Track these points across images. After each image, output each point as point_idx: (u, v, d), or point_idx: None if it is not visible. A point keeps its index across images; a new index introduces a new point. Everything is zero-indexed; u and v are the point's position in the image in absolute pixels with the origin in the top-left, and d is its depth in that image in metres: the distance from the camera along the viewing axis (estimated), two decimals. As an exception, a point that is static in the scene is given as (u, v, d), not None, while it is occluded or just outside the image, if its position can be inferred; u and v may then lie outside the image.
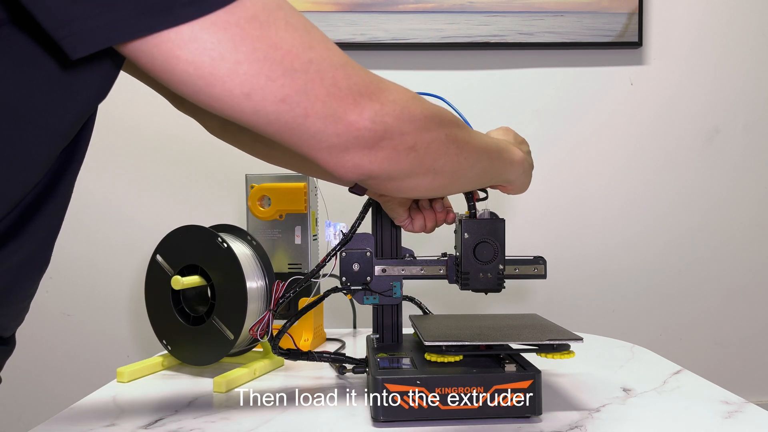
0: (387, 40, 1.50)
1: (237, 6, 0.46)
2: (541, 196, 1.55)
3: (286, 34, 0.48)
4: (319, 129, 0.51)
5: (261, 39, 0.46)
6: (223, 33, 0.45)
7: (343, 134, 0.52)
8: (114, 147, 1.52)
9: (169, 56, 0.45)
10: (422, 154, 0.58)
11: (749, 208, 1.58)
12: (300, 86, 0.49)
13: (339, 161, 0.54)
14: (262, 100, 0.48)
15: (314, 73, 0.49)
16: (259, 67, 0.47)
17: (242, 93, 0.47)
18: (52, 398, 1.51)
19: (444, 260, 0.85)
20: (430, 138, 0.58)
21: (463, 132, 0.63)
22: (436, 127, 0.58)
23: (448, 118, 0.61)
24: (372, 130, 0.53)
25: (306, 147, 0.53)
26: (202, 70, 0.46)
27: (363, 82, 0.52)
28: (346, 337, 1.17)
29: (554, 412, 0.73)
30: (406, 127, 0.55)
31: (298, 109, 0.49)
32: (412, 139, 0.56)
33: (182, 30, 0.44)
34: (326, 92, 0.50)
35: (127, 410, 0.77)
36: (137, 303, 1.52)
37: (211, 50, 0.45)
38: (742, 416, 0.72)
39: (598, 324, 1.55)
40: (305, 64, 0.49)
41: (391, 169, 0.56)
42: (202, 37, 0.45)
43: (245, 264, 0.89)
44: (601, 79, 1.56)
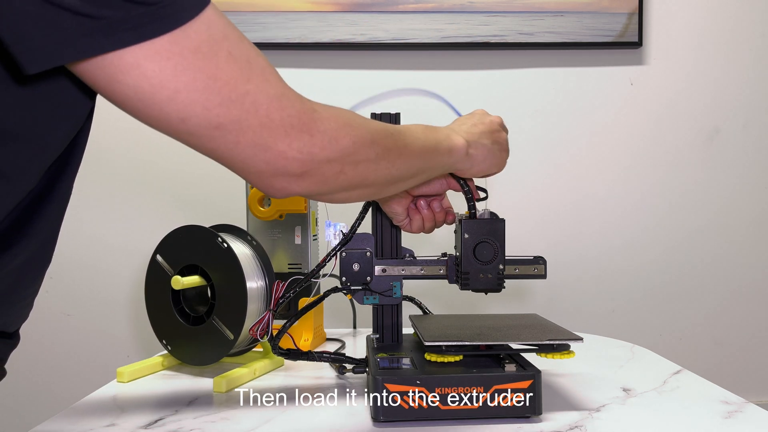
0: (387, 40, 1.50)
1: (182, 36, 0.47)
2: (541, 196, 1.55)
3: (226, 65, 0.50)
4: (249, 156, 0.53)
5: (202, 70, 0.48)
6: (165, 62, 0.47)
7: (272, 162, 0.54)
8: (114, 147, 1.52)
9: (112, 79, 0.47)
10: (351, 176, 0.60)
11: (749, 207, 1.58)
12: (234, 116, 0.51)
13: (268, 184, 0.57)
14: (197, 126, 0.50)
15: (249, 104, 0.51)
16: (197, 96, 0.49)
17: (179, 118, 0.50)
18: (52, 398, 1.51)
19: (444, 260, 0.85)
20: (358, 160, 0.60)
21: (397, 143, 0.65)
22: (365, 150, 0.61)
23: (381, 135, 0.63)
24: (299, 160, 0.55)
25: (236, 169, 0.56)
26: (142, 94, 0.48)
27: (296, 114, 0.54)
28: (346, 337, 1.17)
29: (554, 412, 0.73)
30: (333, 155, 0.57)
31: (230, 137, 0.52)
32: (339, 166, 0.58)
33: (125, 56, 0.46)
34: (259, 123, 0.52)
35: (127, 410, 0.77)
36: (137, 303, 1.52)
37: (152, 78, 0.47)
38: (742, 416, 0.72)
39: (598, 324, 1.55)
40: (242, 95, 0.51)
41: (319, 190, 0.60)
42: (144, 64, 0.47)
43: (245, 264, 0.89)
44: (601, 79, 1.56)
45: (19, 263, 0.58)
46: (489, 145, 0.78)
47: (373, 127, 0.63)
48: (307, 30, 1.49)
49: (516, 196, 1.53)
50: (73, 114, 0.55)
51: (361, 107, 0.78)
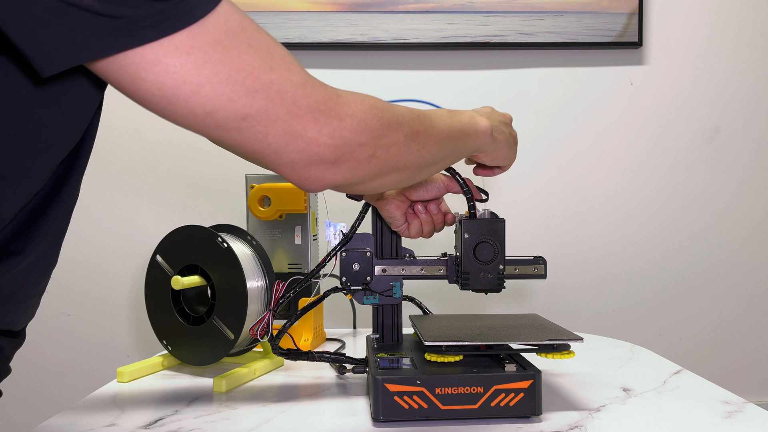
0: (387, 40, 1.50)
1: (200, 30, 0.48)
2: (541, 196, 1.55)
3: (248, 56, 0.50)
4: (281, 146, 0.53)
5: (223, 62, 0.49)
6: (186, 57, 0.47)
7: (304, 151, 0.54)
8: (115, 147, 1.52)
9: (135, 77, 0.47)
10: (383, 159, 0.60)
11: (749, 207, 1.58)
12: (261, 106, 0.51)
13: (302, 176, 0.56)
14: (224, 119, 0.50)
15: (275, 93, 0.51)
16: (221, 88, 0.49)
17: (204, 112, 0.49)
18: (52, 398, 1.51)
19: (444, 260, 0.85)
20: (389, 143, 0.60)
21: (425, 125, 0.65)
22: (394, 132, 0.60)
23: (407, 117, 0.63)
24: (332, 146, 0.55)
25: (269, 162, 0.55)
26: (165, 90, 0.48)
27: (322, 100, 0.54)
28: (346, 337, 1.17)
29: (554, 412, 0.73)
30: (364, 138, 0.57)
31: (258, 127, 0.51)
32: (371, 149, 0.58)
33: (146, 53, 0.46)
34: (286, 111, 0.52)
35: (127, 410, 0.77)
36: (137, 303, 1.52)
37: (174, 73, 0.47)
38: (742, 416, 0.72)
39: (598, 324, 1.55)
40: (266, 84, 0.51)
41: (353, 178, 0.59)
42: (165, 60, 0.47)
43: (245, 264, 0.89)
44: (601, 79, 1.56)
45: (26, 265, 0.59)
46: (506, 134, 0.79)
47: (398, 110, 0.62)
48: (307, 30, 1.49)
49: (516, 196, 1.53)
50: (81, 114, 0.55)
51: None
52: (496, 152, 0.77)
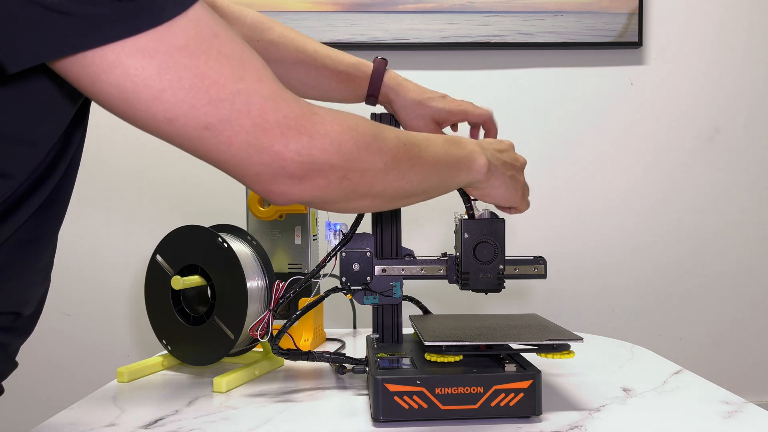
0: (387, 40, 1.50)
1: (167, 33, 0.46)
2: (540, 196, 1.55)
3: (216, 64, 0.48)
4: (243, 158, 0.51)
5: (188, 68, 0.47)
6: (148, 61, 0.46)
7: (269, 164, 0.52)
8: (114, 146, 1.52)
9: (94, 79, 0.46)
10: (356, 183, 0.58)
11: (749, 207, 1.58)
12: (224, 116, 0.49)
13: (266, 188, 0.54)
14: (185, 126, 0.49)
15: (240, 104, 0.49)
16: (183, 95, 0.47)
17: (165, 118, 0.48)
18: (52, 398, 1.51)
19: (444, 260, 0.85)
20: (364, 168, 0.57)
21: (410, 154, 0.62)
22: (372, 157, 0.58)
23: (392, 143, 0.60)
24: (299, 162, 0.53)
25: (232, 173, 0.54)
26: (125, 93, 0.47)
27: (293, 115, 0.52)
28: (346, 337, 1.17)
29: (554, 412, 0.73)
30: (336, 159, 0.55)
31: (221, 138, 0.50)
32: (342, 170, 0.56)
33: (107, 54, 0.45)
34: (252, 123, 0.50)
35: (127, 410, 0.77)
36: (137, 303, 1.52)
37: (135, 76, 0.46)
38: (742, 416, 0.72)
39: (598, 324, 1.55)
40: (232, 94, 0.49)
41: (321, 197, 0.57)
42: (126, 62, 0.45)
43: (245, 264, 0.89)
44: (601, 79, 1.56)
45: (22, 236, 0.59)
46: (507, 177, 0.77)
47: (382, 135, 0.60)
48: (307, 30, 1.49)
49: (516, 196, 1.52)
50: (56, 115, 0.55)
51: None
52: (487, 190, 0.76)
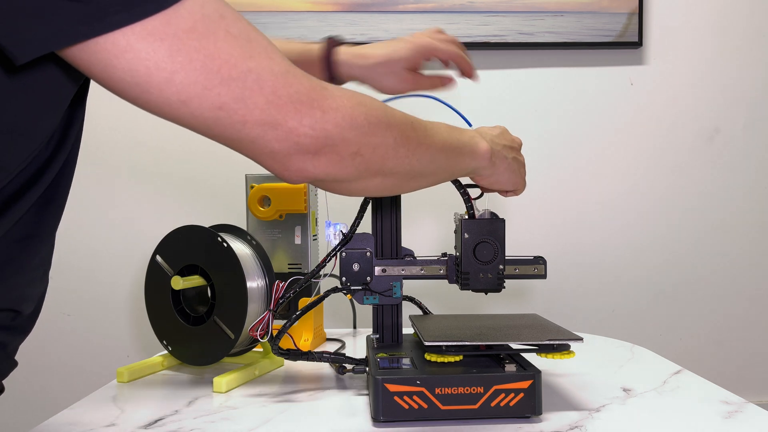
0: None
1: (174, 15, 0.47)
2: (540, 196, 1.55)
3: (224, 44, 0.49)
4: (258, 135, 0.52)
5: (198, 50, 0.48)
6: (159, 44, 0.46)
7: (284, 140, 0.53)
8: (114, 147, 1.52)
9: (107, 64, 0.47)
10: (368, 159, 0.59)
11: (749, 207, 1.58)
12: (237, 94, 0.50)
13: (282, 165, 0.55)
14: (199, 107, 0.49)
15: (252, 82, 0.50)
16: (195, 76, 0.48)
17: (179, 100, 0.49)
18: (52, 398, 1.51)
19: (444, 260, 0.85)
20: (376, 143, 0.58)
21: (418, 132, 0.63)
22: (382, 132, 0.59)
23: (399, 120, 0.62)
24: (312, 137, 0.53)
25: (249, 152, 0.54)
26: (138, 78, 0.47)
27: (304, 90, 0.53)
28: (346, 337, 1.17)
29: (554, 412, 0.73)
30: (348, 134, 0.56)
31: (235, 117, 0.51)
32: (355, 145, 0.57)
33: (118, 39, 0.46)
34: (265, 100, 0.51)
35: (127, 410, 0.77)
36: (137, 303, 1.52)
37: (146, 60, 0.47)
38: (742, 416, 0.72)
39: (598, 324, 1.55)
40: (243, 73, 0.50)
41: (336, 173, 0.57)
42: (137, 46, 0.46)
43: (245, 264, 0.89)
44: (601, 79, 1.56)
45: (19, 233, 0.59)
46: (510, 160, 0.78)
47: (391, 112, 0.61)
48: (307, 30, 1.49)
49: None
50: (56, 105, 0.55)
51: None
52: (494, 177, 0.77)
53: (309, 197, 1.08)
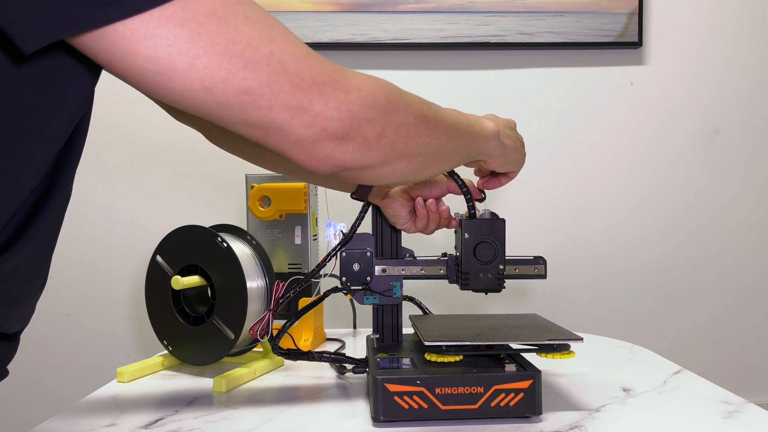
0: (387, 40, 1.50)
1: (193, 1, 0.46)
2: (541, 195, 1.55)
3: (245, 27, 0.48)
4: (286, 121, 0.51)
5: (219, 34, 0.47)
6: (179, 29, 0.45)
7: (311, 125, 0.52)
8: (115, 147, 1.52)
9: (127, 52, 0.45)
10: (393, 140, 0.58)
11: (749, 207, 1.58)
12: (262, 78, 0.49)
13: (310, 154, 0.54)
14: (224, 93, 0.48)
15: (276, 65, 0.49)
16: (218, 61, 0.47)
17: (203, 87, 0.47)
18: (52, 398, 1.51)
19: (444, 260, 0.85)
20: (398, 122, 0.58)
21: (433, 111, 0.63)
22: (403, 111, 0.58)
23: (415, 99, 0.61)
24: (339, 119, 0.52)
25: (275, 141, 0.53)
26: (159, 65, 0.46)
27: (326, 72, 0.52)
28: (346, 337, 1.17)
29: (554, 412, 0.73)
30: (372, 113, 0.55)
31: (261, 101, 0.49)
32: (380, 125, 0.56)
33: (137, 26, 0.44)
34: (290, 83, 0.50)
35: (127, 410, 0.77)
36: (137, 303, 1.52)
37: (168, 46, 0.45)
38: (742, 416, 0.72)
39: (598, 324, 1.55)
40: (266, 56, 0.49)
41: (363, 158, 0.56)
42: (157, 32, 0.45)
43: (245, 264, 0.89)
44: (601, 79, 1.56)
45: (14, 266, 0.57)
46: (513, 138, 0.78)
47: (406, 92, 0.61)
48: (307, 30, 1.49)
49: (515, 195, 1.52)
50: (72, 101, 0.53)
51: None
52: (505, 157, 0.76)
53: (309, 197, 1.08)
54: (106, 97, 0.56)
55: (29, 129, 0.51)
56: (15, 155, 0.51)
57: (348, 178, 0.61)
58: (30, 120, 0.51)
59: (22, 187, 0.53)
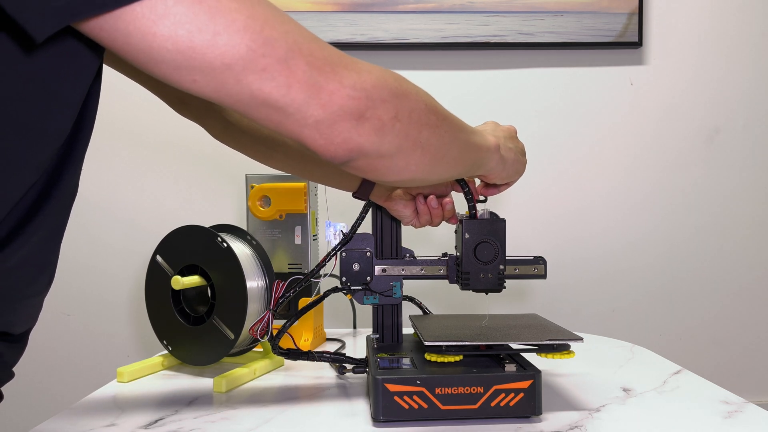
0: (387, 40, 1.50)
1: None
2: (541, 196, 1.55)
3: (260, 7, 0.49)
4: (303, 101, 0.51)
5: (238, 10, 0.47)
6: (198, 6, 0.45)
7: (328, 105, 0.52)
8: (115, 147, 1.52)
9: (146, 33, 0.45)
10: (406, 124, 0.58)
11: (749, 207, 1.58)
12: (281, 55, 0.49)
13: (328, 137, 0.54)
14: (244, 70, 0.48)
15: (292, 43, 0.50)
16: (239, 37, 0.47)
17: (223, 64, 0.47)
18: (52, 398, 1.51)
19: (444, 260, 0.85)
20: (410, 106, 0.58)
21: (438, 104, 0.63)
22: (413, 96, 0.59)
23: (421, 89, 0.62)
24: (355, 98, 0.53)
25: (292, 124, 0.52)
26: (180, 44, 0.45)
27: (336, 54, 0.53)
28: (346, 337, 1.17)
29: (554, 412, 0.73)
30: (386, 94, 0.55)
31: (280, 79, 0.49)
32: (393, 107, 0.56)
33: (156, 5, 0.44)
34: (305, 62, 0.50)
35: (127, 410, 0.77)
36: (137, 303, 1.52)
37: (188, 23, 0.45)
38: (742, 416, 0.72)
39: (598, 324, 1.55)
40: (283, 34, 0.49)
41: (379, 143, 0.56)
42: (176, 10, 0.45)
43: (245, 264, 0.89)
44: (601, 79, 1.56)
45: (15, 262, 0.56)
46: (514, 149, 0.78)
47: (406, 79, 0.61)
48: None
49: (516, 196, 1.52)
50: (76, 92, 0.53)
51: None
52: (506, 171, 0.76)
53: (309, 197, 1.08)
54: (107, 96, 0.56)
55: (26, 123, 0.50)
56: (11, 150, 0.50)
57: (364, 170, 0.60)
58: (27, 114, 0.50)
59: (19, 182, 0.53)
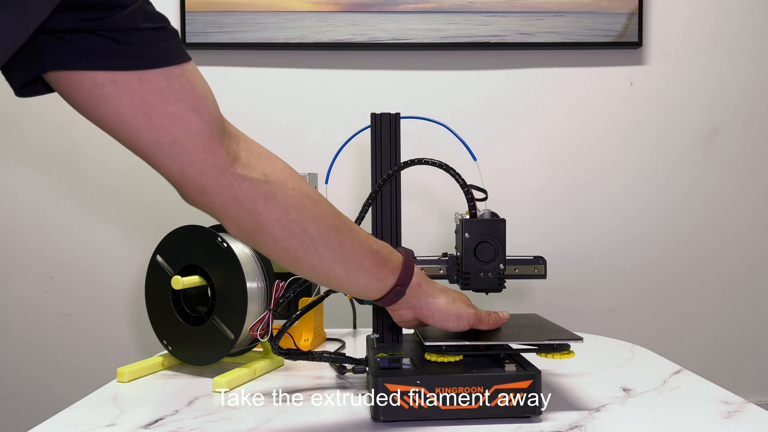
0: (387, 40, 1.49)
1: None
2: (541, 196, 1.55)
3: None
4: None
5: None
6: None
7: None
8: (114, 146, 1.52)
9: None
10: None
11: (749, 207, 1.58)
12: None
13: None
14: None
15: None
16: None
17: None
18: (52, 398, 1.51)
19: (444, 260, 0.85)
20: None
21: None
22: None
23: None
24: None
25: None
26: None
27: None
28: (346, 337, 1.17)
29: (554, 412, 0.73)
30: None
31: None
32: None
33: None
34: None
35: (127, 410, 0.77)
36: (137, 303, 1.52)
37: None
38: (742, 416, 0.72)
39: (598, 324, 1.55)
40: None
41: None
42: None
43: (245, 264, 0.89)
44: (601, 79, 1.56)
45: None
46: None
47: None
48: (307, 30, 1.49)
49: (516, 196, 1.52)
50: None
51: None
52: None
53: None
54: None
55: None
56: None
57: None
58: None
59: None
